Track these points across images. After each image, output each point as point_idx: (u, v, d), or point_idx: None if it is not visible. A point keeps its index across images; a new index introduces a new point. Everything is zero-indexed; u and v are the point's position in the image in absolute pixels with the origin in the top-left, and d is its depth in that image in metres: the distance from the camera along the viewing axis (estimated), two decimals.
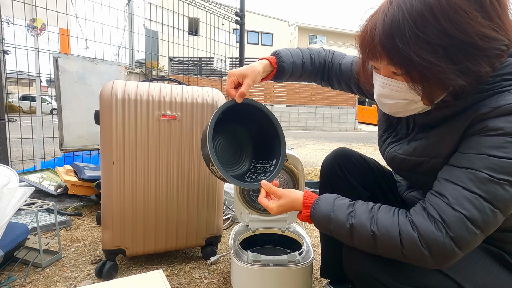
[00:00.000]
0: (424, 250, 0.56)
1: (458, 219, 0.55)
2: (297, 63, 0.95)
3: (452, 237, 0.55)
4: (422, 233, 0.57)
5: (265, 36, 21.12)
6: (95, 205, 2.02)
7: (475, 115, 0.57)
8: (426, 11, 0.52)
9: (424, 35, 0.52)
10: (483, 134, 0.56)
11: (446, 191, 0.58)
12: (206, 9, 3.30)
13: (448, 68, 0.53)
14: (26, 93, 3.95)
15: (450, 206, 0.56)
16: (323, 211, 0.69)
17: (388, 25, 0.55)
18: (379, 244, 0.61)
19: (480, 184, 0.55)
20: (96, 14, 2.46)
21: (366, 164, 1.00)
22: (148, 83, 1.19)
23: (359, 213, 0.64)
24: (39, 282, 1.19)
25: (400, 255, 0.59)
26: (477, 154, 0.56)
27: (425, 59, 0.53)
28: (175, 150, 1.23)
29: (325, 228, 0.69)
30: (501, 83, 0.57)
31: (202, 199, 1.31)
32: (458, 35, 0.51)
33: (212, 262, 1.36)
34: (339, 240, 0.69)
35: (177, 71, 11.89)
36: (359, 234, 0.63)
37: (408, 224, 0.59)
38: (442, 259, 0.56)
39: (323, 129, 12.89)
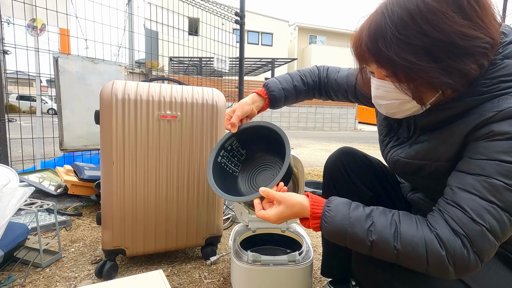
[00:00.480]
0: (450, 266, 0.56)
1: (480, 233, 0.55)
2: (288, 88, 1.01)
3: (476, 252, 0.55)
4: (449, 250, 0.56)
5: (265, 36, 21.12)
6: (95, 205, 2.02)
7: (479, 120, 0.58)
8: (406, 16, 0.55)
9: (405, 38, 0.56)
10: (491, 139, 0.56)
11: (463, 202, 0.57)
12: (206, 9, 3.30)
13: (430, 67, 0.56)
14: (26, 93, 3.96)
15: (471, 219, 0.55)
16: (338, 225, 0.64)
17: (372, 31, 0.59)
18: (402, 260, 0.60)
19: (495, 193, 0.55)
20: (96, 14, 2.47)
21: (370, 164, 1.00)
22: (148, 83, 1.19)
23: (379, 227, 0.61)
24: (39, 282, 1.19)
25: (422, 269, 0.59)
26: (487, 160, 0.56)
27: (407, 60, 0.56)
28: (175, 150, 1.23)
29: (339, 240, 0.65)
30: (498, 85, 0.58)
31: (202, 199, 1.31)
32: (437, 35, 0.54)
33: (212, 262, 1.36)
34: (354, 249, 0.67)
35: (177, 71, 11.89)
36: (380, 250, 0.61)
37: (435, 240, 0.57)
38: (464, 273, 0.57)
39: (323, 129, 12.89)
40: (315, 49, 22.39)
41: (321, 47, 23.00)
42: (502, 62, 0.59)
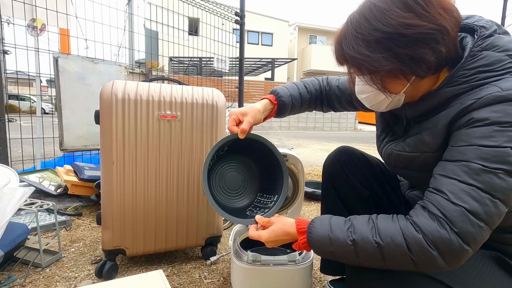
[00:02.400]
0: (432, 251, 0.56)
1: (460, 213, 0.55)
2: (295, 95, 1.03)
3: (458, 233, 0.55)
4: (426, 233, 0.57)
5: (265, 36, 21.12)
6: (95, 205, 2.02)
7: (460, 108, 0.61)
8: (361, 18, 0.65)
9: (361, 35, 0.64)
10: (471, 126, 0.59)
11: (443, 186, 0.59)
12: (206, 9, 3.30)
13: (381, 57, 0.63)
14: (26, 93, 3.94)
15: (450, 201, 0.57)
16: (320, 232, 0.68)
17: (338, 35, 0.70)
18: (387, 255, 0.60)
19: (475, 176, 0.56)
20: (96, 14, 2.46)
21: (368, 163, 1.01)
22: (148, 83, 1.19)
23: (358, 226, 0.64)
24: (39, 282, 1.19)
25: (410, 262, 0.58)
26: (467, 146, 0.59)
27: (363, 54, 0.64)
28: (175, 150, 1.23)
29: (326, 251, 0.67)
30: (477, 75, 0.62)
31: (202, 199, 1.31)
32: (385, 29, 0.62)
33: (212, 262, 1.36)
34: (345, 262, 0.69)
35: (177, 71, 11.89)
36: (363, 250, 0.62)
37: (411, 226, 0.59)
38: (452, 258, 0.56)
39: (323, 129, 12.90)
40: (315, 49, 22.38)
41: (321, 47, 22.99)
42: (480, 53, 0.63)
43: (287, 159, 1.18)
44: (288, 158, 1.18)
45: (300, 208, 1.24)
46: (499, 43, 0.63)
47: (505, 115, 0.56)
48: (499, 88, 0.58)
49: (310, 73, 23.33)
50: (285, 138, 7.02)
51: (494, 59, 0.61)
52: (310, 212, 2.13)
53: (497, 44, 0.63)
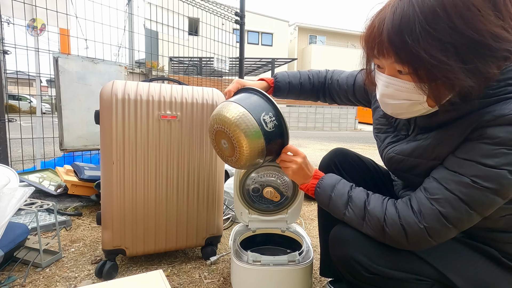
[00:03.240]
0: (401, 230, 0.64)
1: (433, 212, 0.61)
2: (294, 83, 1.09)
3: (426, 227, 0.61)
4: (401, 217, 0.65)
5: (265, 36, 21.12)
6: (95, 205, 2.02)
7: (478, 121, 0.57)
8: (438, 7, 0.50)
9: (435, 32, 0.50)
10: (480, 141, 0.57)
11: (431, 189, 0.63)
12: (206, 9, 3.30)
13: (457, 67, 0.51)
14: (26, 93, 3.95)
15: (429, 201, 0.62)
16: (330, 181, 0.79)
17: (397, 20, 0.53)
18: (368, 218, 0.70)
19: (462, 188, 0.58)
20: (96, 14, 2.46)
21: (363, 164, 1.02)
22: (148, 83, 1.19)
23: (357, 190, 0.76)
24: (39, 282, 1.19)
25: (380, 231, 0.67)
26: (468, 161, 0.58)
27: (434, 57, 0.51)
28: (175, 150, 1.23)
29: (326, 196, 0.78)
30: (506, 88, 0.57)
31: (202, 199, 1.31)
32: (470, 33, 0.50)
33: (212, 262, 1.36)
34: (332, 212, 0.78)
35: (177, 71, 11.89)
36: (354, 204, 0.72)
37: (393, 207, 0.68)
38: (415, 243, 0.64)
39: (323, 129, 12.90)
40: (315, 49, 22.39)
41: (321, 47, 22.99)
42: (509, 65, 0.57)
43: None
44: None
45: (300, 208, 1.24)
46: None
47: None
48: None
49: None
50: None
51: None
52: (310, 212, 2.13)
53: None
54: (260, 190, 1.21)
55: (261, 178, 1.20)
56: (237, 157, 0.84)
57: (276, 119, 0.83)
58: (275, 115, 0.83)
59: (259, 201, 1.23)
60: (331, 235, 0.80)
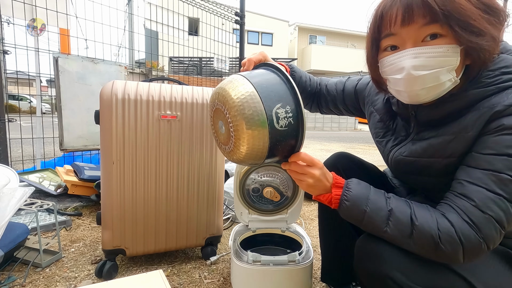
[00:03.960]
0: (459, 244, 0.58)
1: (487, 220, 0.57)
2: (303, 79, 1.05)
3: (484, 237, 0.58)
4: (457, 229, 0.59)
5: (265, 36, 21.11)
6: (95, 205, 2.02)
7: (490, 113, 0.59)
8: None
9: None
10: (500, 133, 0.58)
11: (472, 194, 0.59)
12: (206, 9, 3.30)
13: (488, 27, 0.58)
14: (26, 93, 3.94)
15: (478, 209, 0.58)
16: (360, 190, 0.68)
17: None
18: (416, 233, 0.61)
19: (503, 186, 0.57)
20: (96, 14, 2.47)
21: (366, 170, 0.99)
22: (148, 83, 1.19)
23: (396, 201, 0.66)
24: (39, 282, 1.19)
25: (433, 250, 0.60)
26: (496, 156, 0.58)
27: (474, 14, 0.57)
28: (175, 150, 1.23)
29: (359, 210, 0.66)
30: (501, 76, 0.61)
31: (202, 199, 1.31)
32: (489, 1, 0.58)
33: (212, 262, 1.36)
34: (367, 228, 0.67)
35: (177, 71, 11.88)
36: (397, 220, 0.63)
37: (445, 219, 0.60)
38: (471, 256, 0.59)
39: (323, 129, 12.89)
40: (315, 49, 22.38)
41: (321, 47, 22.99)
42: (498, 56, 0.63)
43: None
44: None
45: (300, 208, 1.24)
46: (509, 47, 0.64)
47: None
48: None
49: (310, 73, 23.29)
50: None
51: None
52: (310, 212, 2.13)
53: (509, 48, 0.64)
54: (260, 190, 1.21)
55: (261, 178, 1.20)
56: (230, 148, 0.70)
57: (293, 116, 0.66)
58: (294, 111, 0.66)
59: (259, 201, 1.23)
60: (358, 246, 0.72)
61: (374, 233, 0.67)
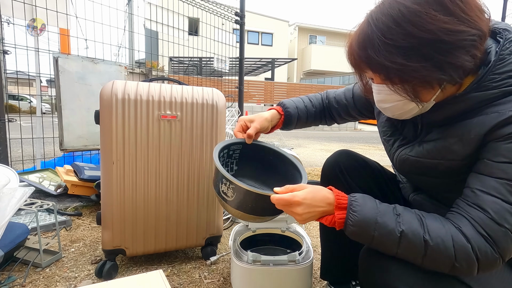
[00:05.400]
0: (475, 261, 0.57)
1: (504, 234, 0.56)
2: (301, 107, 1.05)
3: (499, 251, 0.56)
4: (474, 245, 0.57)
5: (265, 36, 21.12)
6: (95, 205, 2.02)
7: (499, 119, 0.58)
8: (390, 21, 0.58)
9: (392, 41, 0.57)
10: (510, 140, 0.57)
11: (486, 205, 0.58)
12: (206, 9, 3.31)
13: (420, 66, 0.57)
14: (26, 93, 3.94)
15: (494, 221, 0.57)
16: (367, 213, 0.63)
17: (361, 40, 0.62)
18: (430, 254, 0.59)
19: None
20: (96, 14, 2.47)
21: (368, 167, 0.99)
22: (148, 83, 1.19)
23: (407, 220, 0.62)
24: (39, 282, 1.19)
25: (448, 266, 0.59)
26: (510, 164, 0.57)
27: (396, 62, 0.58)
28: (175, 150, 1.23)
29: (367, 234, 0.63)
30: (507, 80, 0.59)
31: (202, 199, 1.31)
32: (423, 35, 0.56)
33: (212, 262, 1.36)
34: (378, 249, 0.65)
35: (177, 71, 11.89)
36: (409, 243, 0.60)
37: (461, 235, 0.58)
38: (486, 269, 0.58)
39: (323, 129, 12.89)
40: (315, 49, 22.39)
41: (321, 47, 22.99)
42: (510, 57, 0.60)
43: None
44: None
45: None
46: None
47: None
48: None
49: (310, 73, 23.31)
50: (285, 138, 7.02)
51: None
52: None
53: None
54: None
55: None
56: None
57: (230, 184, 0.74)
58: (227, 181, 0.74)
59: None
60: (363, 258, 0.71)
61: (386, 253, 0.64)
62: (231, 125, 4.04)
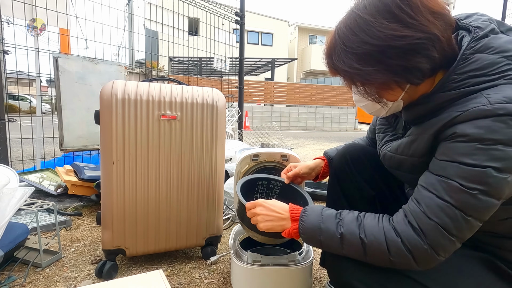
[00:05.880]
0: (408, 254, 0.61)
1: (433, 227, 0.59)
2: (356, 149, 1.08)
3: (430, 244, 0.59)
4: (404, 239, 0.61)
5: (265, 36, 21.12)
6: (95, 205, 2.02)
7: (447, 120, 0.60)
8: (347, 30, 0.64)
9: (350, 49, 0.63)
10: (454, 141, 0.59)
11: (422, 199, 0.62)
12: (206, 9, 3.31)
13: (374, 70, 0.62)
14: (26, 93, 3.93)
15: (425, 215, 0.60)
16: (313, 222, 0.72)
17: (327, 48, 0.70)
18: (368, 251, 0.65)
19: (452, 193, 0.58)
20: (96, 14, 2.47)
21: (374, 160, 0.98)
22: (148, 83, 1.19)
23: (347, 222, 0.68)
24: (39, 282, 1.19)
25: (388, 261, 0.63)
26: (449, 162, 0.59)
27: (353, 67, 0.64)
28: (175, 150, 1.23)
29: (315, 240, 0.72)
30: (468, 80, 0.60)
31: (202, 199, 1.31)
32: (373, 41, 0.61)
33: (212, 262, 1.36)
34: (330, 251, 0.72)
35: (177, 71, 11.89)
36: (349, 243, 0.67)
37: (392, 230, 0.63)
38: (424, 263, 0.61)
39: (323, 129, 12.90)
40: (315, 49, 22.39)
41: (321, 47, 22.95)
42: (473, 56, 0.60)
43: (287, 159, 1.18)
44: (288, 158, 1.18)
45: None
46: (494, 44, 0.60)
47: (489, 131, 0.54)
48: (487, 100, 0.56)
49: (310, 73, 23.31)
50: (285, 138, 7.02)
51: (486, 62, 0.59)
52: None
53: (491, 46, 0.60)
54: None
55: None
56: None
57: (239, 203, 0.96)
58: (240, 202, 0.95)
59: None
60: (327, 257, 0.79)
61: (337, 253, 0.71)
62: (231, 125, 4.05)
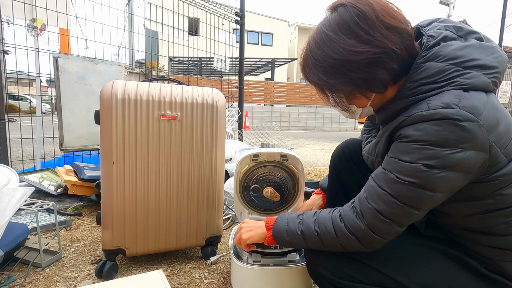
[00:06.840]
0: (351, 236, 0.70)
1: (370, 210, 0.68)
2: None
3: (368, 225, 0.68)
4: (346, 223, 0.71)
5: (265, 36, 21.12)
6: (95, 205, 2.02)
7: (397, 123, 0.67)
8: (315, 45, 0.71)
9: (318, 62, 0.70)
10: (399, 141, 0.66)
11: (367, 188, 0.71)
12: (206, 9, 3.31)
13: (338, 82, 0.70)
14: (26, 93, 3.93)
15: (367, 200, 0.69)
16: (280, 226, 0.81)
17: (302, 61, 0.76)
18: (324, 241, 0.74)
19: (389, 184, 0.66)
20: (96, 14, 2.47)
21: None
22: (148, 83, 1.19)
23: (305, 220, 0.78)
24: (39, 282, 1.19)
25: (339, 246, 0.72)
26: (392, 158, 0.67)
27: (321, 79, 0.71)
28: (175, 150, 1.23)
29: (285, 241, 0.80)
30: (420, 88, 0.65)
31: (202, 199, 1.31)
32: (336, 56, 0.67)
33: (212, 262, 1.36)
34: (298, 248, 0.85)
35: (177, 71, 11.90)
36: (308, 237, 0.76)
37: (338, 217, 0.73)
38: (368, 243, 0.70)
39: (323, 129, 12.90)
40: None
41: None
42: (423, 65, 0.66)
43: (287, 159, 1.18)
44: (288, 158, 1.18)
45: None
46: (443, 52, 0.64)
47: (425, 134, 0.61)
48: (427, 106, 0.62)
49: None
50: (285, 138, 7.02)
51: (434, 70, 0.64)
52: None
53: (440, 54, 0.64)
54: (260, 190, 1.21)
55: (261, 178, 1.20)
56: None
57: None
58: None
59: (259, 201, 1.23)
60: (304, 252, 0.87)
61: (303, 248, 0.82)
62: (231, 125, 4.04)
